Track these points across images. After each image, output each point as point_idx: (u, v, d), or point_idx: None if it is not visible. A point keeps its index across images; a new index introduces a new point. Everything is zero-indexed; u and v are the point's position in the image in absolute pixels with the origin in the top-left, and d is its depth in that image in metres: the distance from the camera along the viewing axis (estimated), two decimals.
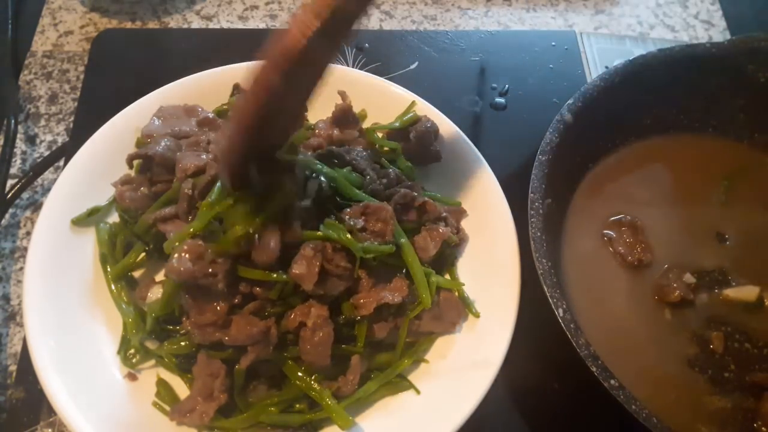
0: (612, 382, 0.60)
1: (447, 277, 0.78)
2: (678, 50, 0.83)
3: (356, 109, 0.85)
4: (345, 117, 0.83)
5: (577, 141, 0.77)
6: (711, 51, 0.83)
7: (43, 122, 0.98)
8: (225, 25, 1.09)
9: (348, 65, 1.02)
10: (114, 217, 0.79)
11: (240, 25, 1.09)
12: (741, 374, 0.74)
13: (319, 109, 0.85)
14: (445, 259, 0.79)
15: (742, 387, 0.73)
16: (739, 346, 0.76)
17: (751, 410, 0.71)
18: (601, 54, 1.07)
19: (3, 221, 0.87)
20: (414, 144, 0.83)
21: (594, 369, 0.61)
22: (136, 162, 0.79)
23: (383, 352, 0.73)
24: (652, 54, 0.82)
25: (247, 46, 1.01)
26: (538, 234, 0.68)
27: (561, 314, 0.64)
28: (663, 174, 0.87)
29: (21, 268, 0.85)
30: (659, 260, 0.80)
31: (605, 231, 0.82)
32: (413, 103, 0.87)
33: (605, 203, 0.84)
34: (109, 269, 0.75)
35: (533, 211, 0.70)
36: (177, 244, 0.64)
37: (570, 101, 0.77)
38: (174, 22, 1.09)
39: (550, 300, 0.65)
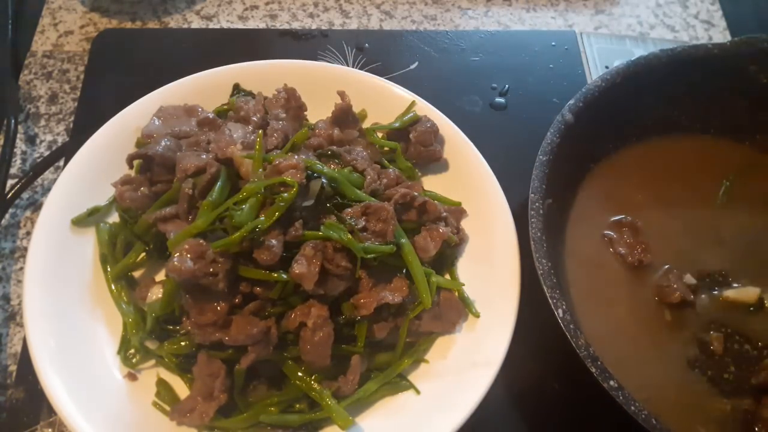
0: (611, 383, 0.60)
1: (447, 277, 0.78)
2: (679, 51, 0.83)
3: (356, 109, 0.85)
4: (345, 117, 0.83)
5: (578, 141, 0.77)
6: (713, 52, 0.83)
7: (43, 122, 0.98)
8: (225, 25, 1.09)
9: (348, 65, 1.02)
10: (114, 217, 0.79)
11: (240, 25, 1.09)
12: (741, 376, 0.74)
13: (319, 109, 0.85)
14: (445, 259, 0.79)
15: (742, 389, 0.73)
16: (738, 347, 0.76)
17: (751, 412, 0.71)
18: (601, 54, 1.07)
19: (3, 221, 0.87)
20: (414, 144, 0.83)
21: (594, 370, 0.61)
22: (136, 162, 0.79)
23: (383, 352, 0.73)
24: (653, 54, 0.81)
25: (247, 46, 1.04)
26: (539, 234, 0.68)
27: (561, 315, 0.64)
28: (664, 175, 0.87)
29: (21, 268, 0.85)
30: (659, 261, 0.80)
31: (606, 231, 0.82)
32: (413, 103, 0.87)
33: (606, 204, 0.84)
34: (109, 269, 0.75)
35: (533, 211, 0.70)
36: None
37: (571, 102, 0.77)
38: (174, 22, 1.09)
39: (550, 300, 0.65)
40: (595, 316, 0.75)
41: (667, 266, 0.80)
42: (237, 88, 0.88)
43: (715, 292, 0.79)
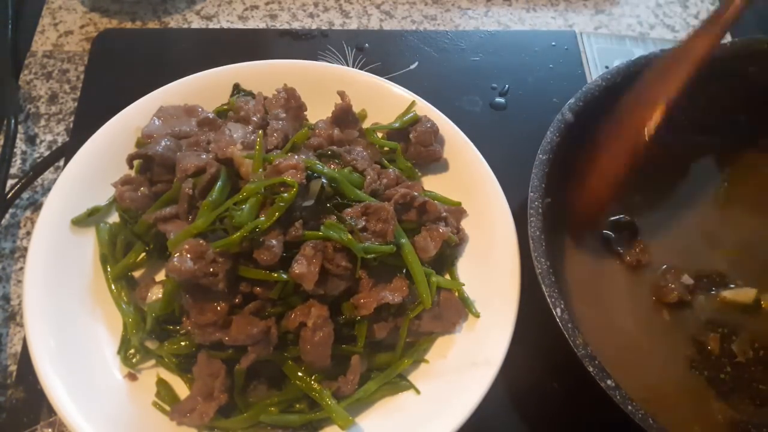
0: (609, 382, 0.60)
1: (447, 277, 0.78)
2: None
3: (356, 109, 0.85)
4: (345, 117, 0.83)
5: (578, 141, 0.77)
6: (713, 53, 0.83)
7: (43, 122, 0.98)
8: (225, 25, 1.09)
9: (348, 65, 1.02)
10: (114, 217, 0.79)
11: (240, 25, 1.09)
12: (737, 376, 0.74)
13: (319, 109, 0.85)
14: (445, 259, 0.79)
15: (738, 388, 0.73)
16: (735, 348, 0.76)
17: (747, 412, 0.72)
18: (601, 54, 1.07)
19: (3, 221, 0.87)
20: (414, 144, 0.83)
21: (591, 369, 0.61)
22: (136, 162, 0.79)
23: (383, 352, 0.73)
24: (653, 54, 0.81)
25: (247, 46, 1.04)
26: (537, 233, 0.68)
27: (559, 314, 0.64)
28: (662, 175, 0.87)
29: (21, 268, 0.85)
30: (658, 261, 0.80)
31: (604, 231, 0.82)
32: (413, 103, 0.87)
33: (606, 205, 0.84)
34: (109, 269, 0.75)
35: (533, 210, 0.70)
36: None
37: (571, 101, 0.77)
38: (174, 22, 1.09)
39: (548, 299, 0.65)
40: (593, 315, 0.76)
41: (665, 266, 0.80)
42: (237, 88, 0.88)
43: (713, 293, 0.79)
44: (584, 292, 0.77)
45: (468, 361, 0.71)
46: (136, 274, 0.77)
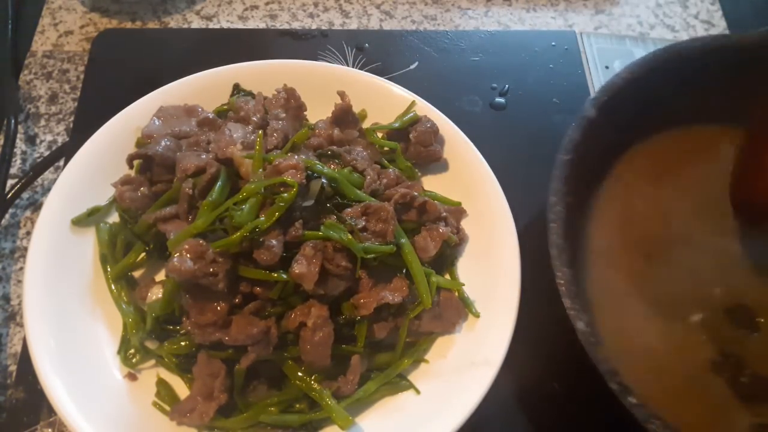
0: (630, 399, 0.57)
1: (447, 277, 0.78)
2: (711, 40, 0.77)
3: (356, 109, 0.85)
4: (345, 117, 0.83)
5: (601, 138, 0.71)
6: (743, 42, 0.76)
7: (43, 122, 0.98)
8: (225, 25, 1.09)
9: (348, 65, 1.02)
10: (114, 217, 0.79)
11: (240, 25, 1.09)
12: (758, 379, 0.72)
13: (319, 109, 0.85)
14: (445, 259, 0.79)
15: (757, 392, 0.71)
16: (756, 348, 0.74)
17: (765, 414, 0.70)
18: (601, 54, 1.07)
19: (3, 221, 0.87)
20: (414, 144, 0.83)
21: (613, 386, 0.58)
22: (136, 162, 0.79)
23: (383, 352, 0.73)
24: (683, 44, 0.76)
25: (247, 46, 1.04)
26: (560, 241, 0.63)
27: (581, 327, 0.60)
28: (692, 170, 0.81)
29: (21, 268, 0.85)
30: (687, 260, 0.76)
31: (629, 231, 0.78)
32: (413, 103, 0.87)
33: (629, 203, 0.79)
34: (109, 269, 0.75)
35: (553, 215, 0.64)
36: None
37: (595, 95, 0.72)
38: (174, 22, 1.09)
39: (569, 312, 0.61)
40: (614, 318, 0.72)
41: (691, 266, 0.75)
42: (237, 88, 0.88)
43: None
44: (605, 297, 0.73)
45: (468, 361, 0.71)
46: (136, 274, 0.77)
